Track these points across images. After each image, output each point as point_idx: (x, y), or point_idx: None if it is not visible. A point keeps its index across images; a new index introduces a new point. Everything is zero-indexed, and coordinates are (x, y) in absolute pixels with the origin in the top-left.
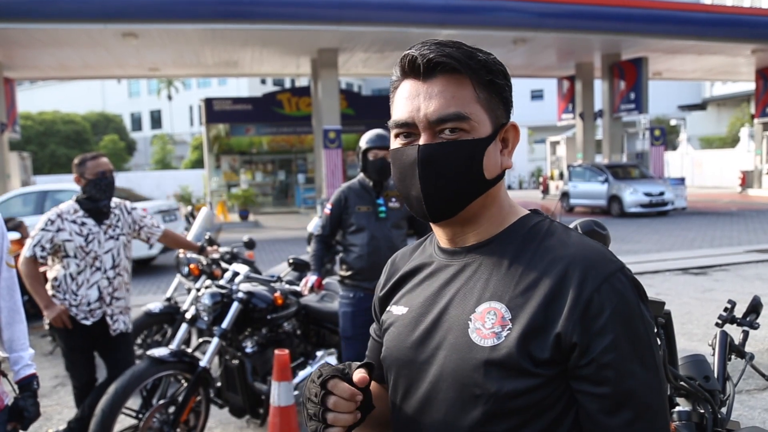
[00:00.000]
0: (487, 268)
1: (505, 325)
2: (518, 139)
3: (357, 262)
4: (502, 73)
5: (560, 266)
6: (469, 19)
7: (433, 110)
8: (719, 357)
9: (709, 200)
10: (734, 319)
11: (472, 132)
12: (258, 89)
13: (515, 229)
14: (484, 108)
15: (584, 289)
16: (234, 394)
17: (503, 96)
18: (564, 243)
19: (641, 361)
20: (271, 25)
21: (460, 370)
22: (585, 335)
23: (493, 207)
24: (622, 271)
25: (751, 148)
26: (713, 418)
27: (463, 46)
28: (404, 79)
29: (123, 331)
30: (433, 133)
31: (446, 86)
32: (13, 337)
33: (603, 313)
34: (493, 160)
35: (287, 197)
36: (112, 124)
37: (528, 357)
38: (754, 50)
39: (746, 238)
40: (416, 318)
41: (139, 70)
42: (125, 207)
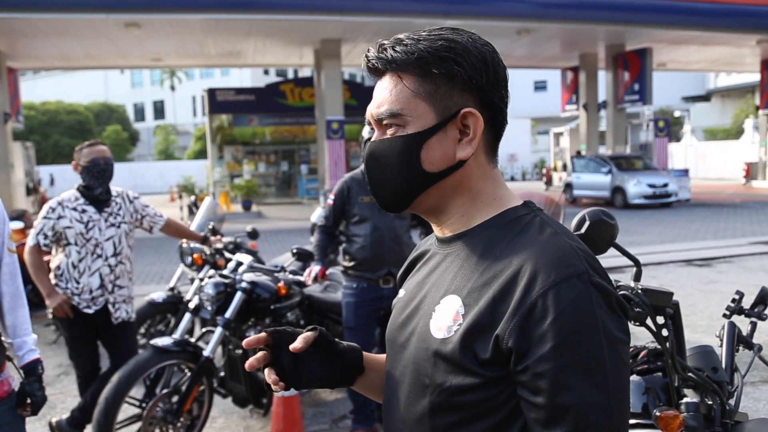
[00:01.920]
0: (459, 259)
1: (457, 320)
2: (481, 125)
3: (360, 252)
4: (448, 59)
5: (515, 265)
6: (473, 10)
7: (373, 108)
8: (727, 348)
9: (713, 192)
10: (742, 310)
11: (407, 127)
12: (261, 80)
13: (494, 222)
14: (426, 100)
15: (530, 291)
16: (237, 384)
17: (459, 82)
18: (532, 239)
19: (586, 376)
20: (274, 15)
21: (418, 358)
22: (523, 341)
23: (459, 197)
24: (580, 277)
25: (755, 140)
26: (721, 409)
27: (412, 40)
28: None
29: (125, 319)
30: (381, 129)
31: (387, 84)
32: (16, 323)
33: (545, 320)
34: (437, 152)
35: (290, 188)
36: (115, 115)
37: (471, 355)
38: (760, 41)
39: (750, 229)
40: (406, 302)
41: (141, 60)
42: (127, 196)
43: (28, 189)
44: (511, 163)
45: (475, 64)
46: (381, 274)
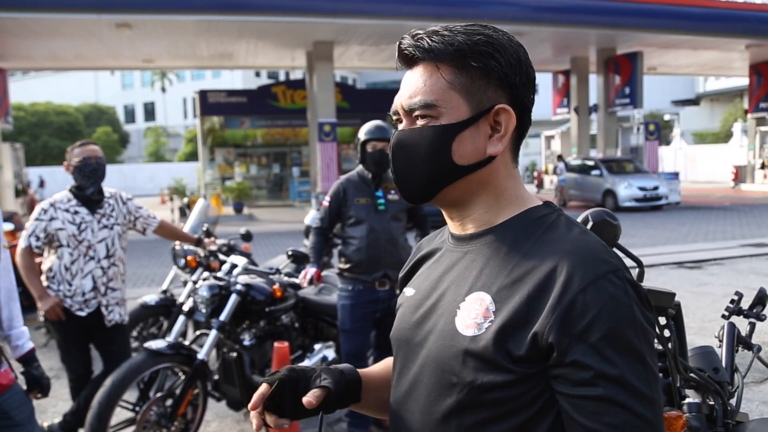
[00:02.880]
0: (484, 257)
1: (488, 317)
2: (513, 123)
3: (356, 254)
4: (486, 54)
5: (550, 262)
6: (465, 12)
7: (405, 98)
8: (727, 349)
9: (703, 195)
10: (741, 310)
11: (440, 118)
12: (252, 82)
13: (518, 220)
14: (461, 93)
15: (568, 288)
16: (232, 387)
17: (494, 78)
18: (562, 238)
19: (630, 367)
20: (266, 17)
21: (441, 357)
22: (564, 335)
23: (484, 194)
24: (616, 273)
25: (744, 143)
26: (723, 409)
27: (449, 31)
28: (403, 69)
29: (118, 322)
30: (410, 120)
31: (421, 74)
32: (12, 315)
33: (586, 316)
34: (469, 145)
35: (281, 190)
36: (105, 116)
37: (504, 352)
38: (748, 45)
39: (740, 232)
40: (419, 301)
41: (133, 61)
42: (120, 197)
43: (16, 191)
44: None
45: (511, 61)
46: (377, 276)
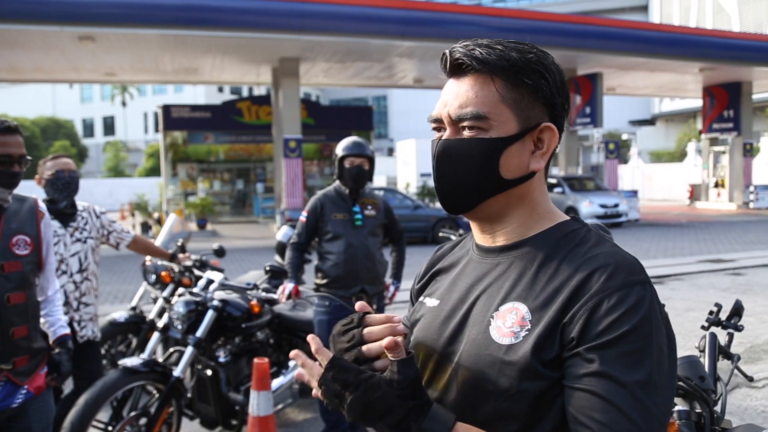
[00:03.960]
0: (517, 269)
1: (524, 326)
2: (556, 141)
3: (333, 269)
4: (537, 72)
5: (585, 272)
6: (428, 32)
7: (454, 108)
8: (710, 358)
9: (660, 212)
10: (720, 321)
11: (491, 131)
12: (215, 97)
13: (550, 234)
14: (511, 108)
15: (599, 292)
16: (206, 405)
17: (541, 96)
18: (595, 251)
19: (630, 372)
20: (233, 32)
21: (476, 365)
22: (583, 331)
23: (521, 207)
24: (644, 285)
25: (698, 163)
26: (710, 416)
27: (501, 45)
28: (447, 77)
29: (90, 338)
30: (455, 129)
31: (472, 86)
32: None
33: (608, 316)
34: (515, 160)
35: (245, 206)
36: (63, 130)
37: (540, 359)
38: (702, 69)
39: (697, 248)
40: (448, 312)
41: (94, 74)
42: (94, 210)
43: None
44: None
45: (557, 83)
46: (354, 291)
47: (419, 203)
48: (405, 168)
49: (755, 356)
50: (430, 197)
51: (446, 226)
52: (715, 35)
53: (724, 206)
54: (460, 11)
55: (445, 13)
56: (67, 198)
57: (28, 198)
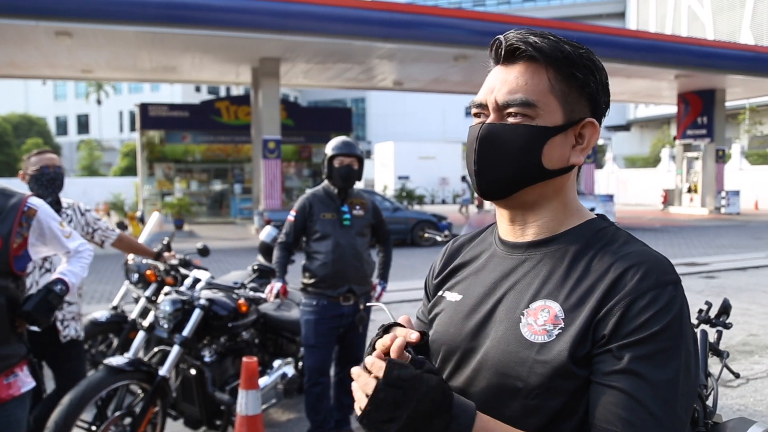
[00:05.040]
0: (547, 266)
1: (557, 324)
2: (596, 138)
3: (321, 269)
4: (587, 68)
5: (618, 270)
6: (411, 34)
7: (503, 93)
8: (701, 355)
9: (635, 217)
10: (709, 319)
11: (537, 119)
12: (192, 96)
13: (580, 231)
14: (559, 100)
15: (633, 291)
16: (190, 405)
17: (587, 91)
18: (628, 248)
19: (658, 371)
20: (213, 31)
21: (505, 362)
22: (616, 329)
23: (555, 200)
24: (676, 286)
25: (672, 168)
26: (703, 411)
27: (552, 37)
28: (494, 65)
29: (74, 338)
30: (500, 115)
31: (522, 73)
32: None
33: (642, 315)
34: (558, 151)
35: (222, 207)
36: (35, 127)
37: (573, 358)
38: (677, 75)
39: (671, 252)
40: (471, 307)
41: (70, 71)
42: (78, 208)
43: None
44: (442, 187)
45: (603, 82)
46: (342, 291)
47: (398, 205)
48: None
49: (730, 357)
50: (408, 199)
51: (425, 229)
52: (690, 43)
53: (696, 211)
54: (441, 14)
55: (426, 15)
56: (52, 194)
57: (16, 194)
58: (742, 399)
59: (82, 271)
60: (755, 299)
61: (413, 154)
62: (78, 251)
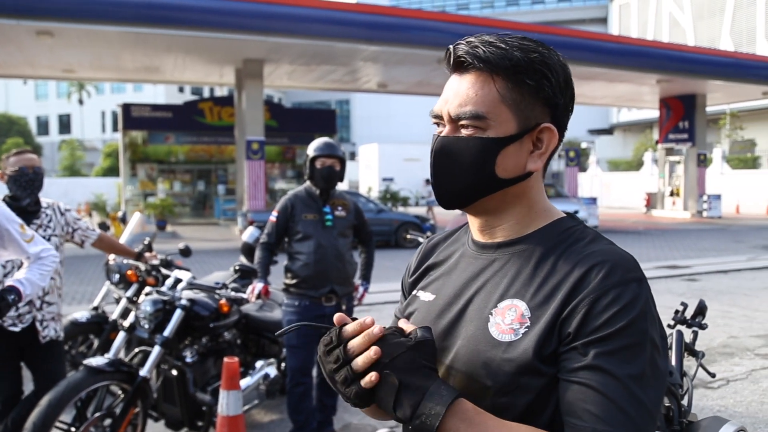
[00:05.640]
0: (515, 266)
1: (524, 323)
2: (555, 142)
3: (303, 270)
4: (539, 73)
5: (583, 268)
6: (394, 37)
7: (454, 106)
8: (677, 355)
9: (618, 219)
10: (685, 320)
11: (488, 130)
12: (175, 97)
13: (548, 231)
14: (511, 108)
15: (598, 287)
16: (171, 406)
17: (542, 97)
18: (593, 246)
19: (625, 366)
20: (196, 32)
21: (474, 361)
22: (581, 326)
23: (518, 205)
24: (640, 283)
25: (654, 172)
26: (678, 409)
27: (505, 43)
28: (450, 72)
29: (53, 338)
30: (455, 126)
31: (473, 84)
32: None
33: (606, 312)
34: (512, 160)
35: (206, 208)
36: (15, 127)
37: (540, 355)
38: (659, 80)
39: (654, 254)
40: (443, 306)
41: (52, 71)
42: (58, 207)
43: None
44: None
45: (560, 83)
46: (324, 291)
47: (382, 207)
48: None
49: (710, 359)
50: (392, 201)
51: (408, 230)
52: (671, 48)
53: (678, 214)
54: (424, 17)
55: (410, 18)
56: (30, 195)
57: None
58: (722, 400)
59: (41, 279)
60: (736, 302)
61: (397, 156)
62: (40, 257)
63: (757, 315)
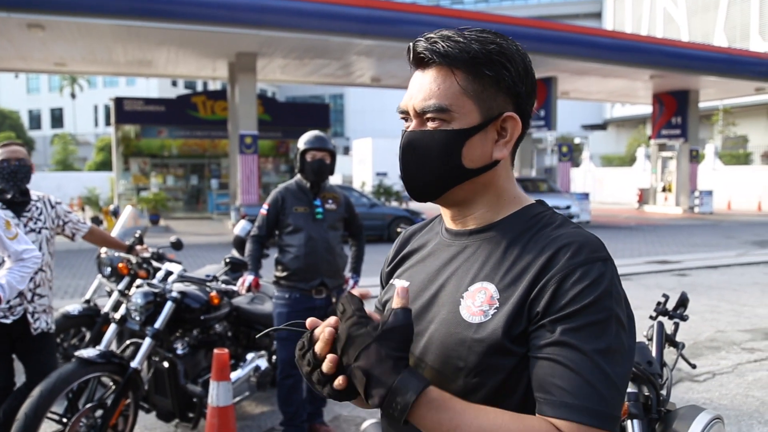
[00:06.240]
0: (485, 251)
1: (493, 304)
2: (519, 129)
3: (293, 262)
4: (498, 63)
5: (550, 250)
6: (388, 31)
7: (419, 101)
8: (657, 345)
9: (610, 215)
10: (666, 311)
11: (453, 122)
12: (168, 91)
13: (517, 217)
14: (473, 99)
15: (565, 266)
16: (163, 398)
17: (504, 86)
18: (561, 230)
19: (591, 341)
20: (189, 25)
21: (447, 343)
22: (549, 305)
23: (488, 194)
24: (606, 263)
25: (647, 168)
26: (656, 398)
27: (463, 37)
28: (413, 68)
29: (45, 330)
30: (421, 121)
31: (435, 78)
32: None
33: (573, 289)
34: (478, 150)
35: (199, 202)
36: (7, 121)
37: (510, 335)
38: (652, 76)
39: (645, 249)
40: (416, 292)
41: (43, 64)
42: (49, 200)
43: None
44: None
45: (520, 71)
46: (314, 284)
47: (375, 201)
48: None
49: (698, 352)
50: (385, 196)
51: (401, 225)
52: (665, 43)
53: (670, 210)
54: (419, 11)
55: (405, 12)
56: (14, 187)
57: None
58: (708, 393)
59: (20, 281)
60: (724, 297)
61: (391, 151)
62: (22, 258)
63: (745, 310)
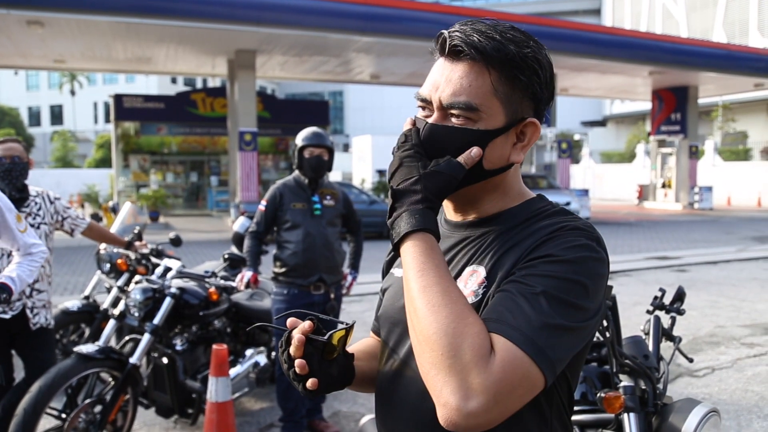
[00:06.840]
0: (482, 240)
1: (482, 284)
2: (537, 136)
3: (292, 258)
4: (531, 69)
5: (546, 231)
6: (388, 27)
7: (447, 95)
8: (654, 339)
9: (610, 211)
10: (663, 306)
11: (479, 122)
12: (168, 88)
13: (518, 211)
14: (501, 101)
15: (551, 233)
16: (162, 394)
17: (530, 92)
18: (558, 218)
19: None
20: (189, 22)
21: None
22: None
23: (495, 192)
24: (591, 236)
25: (646, 164)
26: (653, 392)
27: (499, 35)
28: (439, 56)
29: (44, 326)
30: (444, 114)
31: (467, 73)
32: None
33: (548, 246)
34: (497, 152)
35: (198, 199)
36: (7, 118)
37: None
38: (651, 72)
39: (645, 246)
40: None
41: (43, 61)
42: (48, 196)
43: None
44: None
45: (547, 79)
46: (312, 280)
47: (375, 198)
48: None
49: (697, 347)
50: (385, 193)
51: None
52: (664, 40)
53: (670, 206)
54: (418, 8)
55: (404, 9)
56: (9, 185)
57: None
58: (707, 388)
59: (29, 275)
60: (723, 292)
61: (391, 148)
62: (30, 252)
63: (744, 305)
